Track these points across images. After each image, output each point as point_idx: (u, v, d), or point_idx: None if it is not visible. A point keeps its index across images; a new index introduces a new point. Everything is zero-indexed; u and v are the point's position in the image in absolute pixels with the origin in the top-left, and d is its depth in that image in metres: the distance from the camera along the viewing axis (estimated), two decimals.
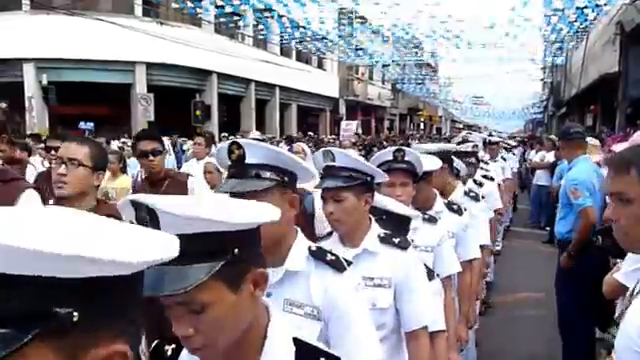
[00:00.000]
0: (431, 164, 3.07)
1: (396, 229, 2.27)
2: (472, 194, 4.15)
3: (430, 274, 2.46)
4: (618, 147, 4.65)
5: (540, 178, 11.57)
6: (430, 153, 3.41)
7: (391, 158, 2.65)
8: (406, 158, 2.65)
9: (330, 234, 2.26)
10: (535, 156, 12.81)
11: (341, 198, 2.06)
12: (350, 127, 23.97)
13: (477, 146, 5.08)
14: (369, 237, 2.15)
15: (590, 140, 6.31)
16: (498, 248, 7.81)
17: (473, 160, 5.04)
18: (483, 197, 4.46)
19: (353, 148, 12.48)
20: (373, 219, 2.21)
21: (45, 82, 17.75)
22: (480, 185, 4.90)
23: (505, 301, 6.84)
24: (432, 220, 2.90)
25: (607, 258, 3.98)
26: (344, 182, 2.04)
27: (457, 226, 3.25)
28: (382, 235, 2.17)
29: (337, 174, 2.06)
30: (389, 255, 2.13)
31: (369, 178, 2.12)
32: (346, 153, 2.18)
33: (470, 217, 3.49)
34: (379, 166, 2.48)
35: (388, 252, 2.13)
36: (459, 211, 3.31)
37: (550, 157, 11.24)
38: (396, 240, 2.16)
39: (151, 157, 3.77)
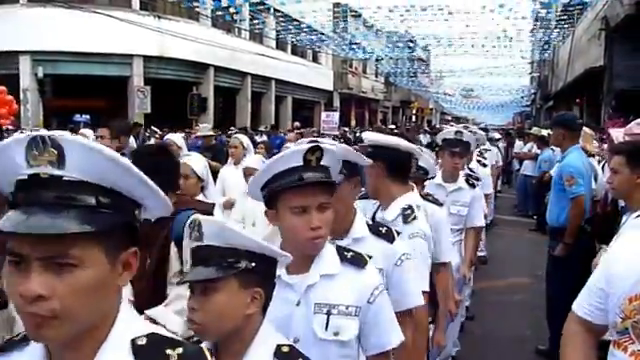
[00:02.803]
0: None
1: None
2: (470, 181, 4.33)
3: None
4: (614, 132, 4.91)
5: (527, 168, 12.03)
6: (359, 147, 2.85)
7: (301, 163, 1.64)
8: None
9: None
10: (524, 148, 13.31)
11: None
12: (331, 118, 22.78)
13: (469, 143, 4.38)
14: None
15: (586, 129, 6.38)
16: (483, 254, 7.33)
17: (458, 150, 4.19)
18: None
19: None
20: None
21: (41, 75, 17.69)
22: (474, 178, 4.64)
23: (493, 286, 6.91)
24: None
25: (594, 244, 4.26)
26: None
27: (385, 260, 2.14)
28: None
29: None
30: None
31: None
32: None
33: (435, 220, 2.93)
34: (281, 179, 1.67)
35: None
36: (388, 235, 2.19)
37: (536, 148, 11.68)
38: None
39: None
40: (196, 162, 3.53)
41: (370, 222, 2.24)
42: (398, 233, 2.22)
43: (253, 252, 1.39)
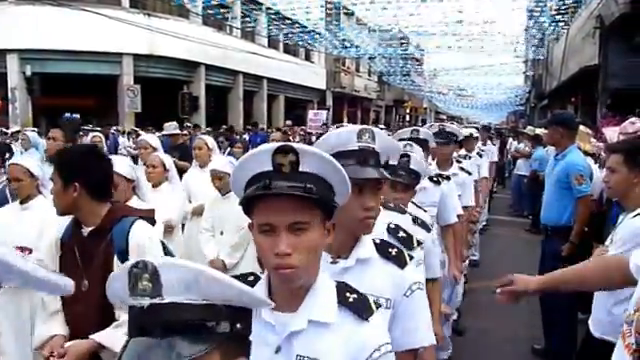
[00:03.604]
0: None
1: None
2: (434, 179, 3.95)
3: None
4: (608, 131, 4.86)
5: (520, 167, 11.92)
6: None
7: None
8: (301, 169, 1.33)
9: None
10: (519, 146, 13.22)
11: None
12: (318, 117, 22.76)
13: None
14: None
15: (582, 128, 6.31)
16: (475, 258, 7.68)
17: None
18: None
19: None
20: None
21: (29, 73, 17.65)
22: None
23: (488, 286, 6.88)
24: None
25: (591, 243, 4.19)
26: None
27: (394, 289, 1.90)
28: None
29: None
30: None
31: None
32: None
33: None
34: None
35: None
36: (399, 259, 1.85)
37: (529, 148, 11.59)
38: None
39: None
40: (119, 164, 3.19)
41: (378, 241, 1.82)
42: (411, 257, 1.82)
43: (234, 306, 1.01)
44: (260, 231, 1.29)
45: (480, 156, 7.48)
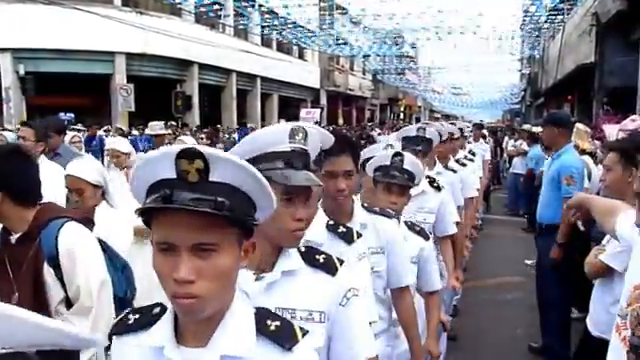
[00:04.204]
0: None
1: None
2: (435, 184, 3.72)
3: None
4: (608, 128, 4.83)
5: (516, 166, 11.84)
6: None
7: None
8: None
9: None
10: (515, 144, 13.14)
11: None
12: (311, 115, 22.11)
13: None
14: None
15: (581, 126, 6.40)
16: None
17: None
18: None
19: None
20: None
21: (22, 72, 17.50)
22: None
23: (485, 285, 6.91)
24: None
25: (588, 242, 4.09)
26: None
27: (326, 300, 1.68)
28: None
29: None
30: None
31: None
32: None
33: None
34: None
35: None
36: (328, 265, 1.72)
37: (525, 146, 11.52)
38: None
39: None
40: (84, 169, 3.01)
41: (303, 249, 1.60)
42: (341, 262, 1.61)
43: (50, 351, 0.86)
44: (158, 250, 1.05)
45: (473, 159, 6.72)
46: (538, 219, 4.94)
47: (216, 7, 19.13)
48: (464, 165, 5.35)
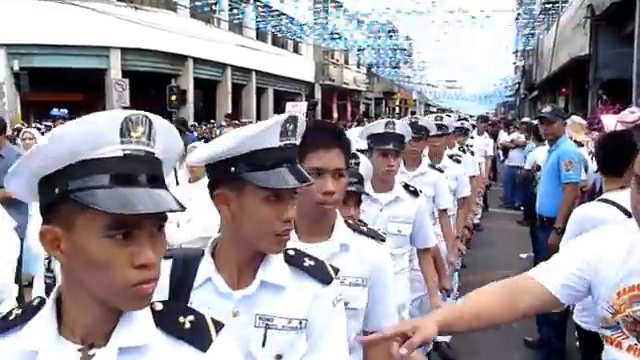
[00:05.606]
0: None
1: None
2: (411, 188, 3.24)
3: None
4: (607, 119, 4.89)
5: (512, 159, 11.87)
6: None
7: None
8: None
9: None
10: (508, 137, 13.15)
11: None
12: (297, 109, 22.47)
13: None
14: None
15: (576, 119, 6.59)
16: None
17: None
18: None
19: None
20: None
21: (17, 68, 17.34)
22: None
23: (481, 279, 6.88)
24: None
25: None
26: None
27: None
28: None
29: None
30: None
31: None
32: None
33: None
34: None
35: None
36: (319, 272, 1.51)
37: (522, 138, 11.54)
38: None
39: None
40: None
41: (292, 252, 1.43)
42: (336, 271, 1.44)
43: None
44: (110, 238, 0.93)
45: (471, 153, 6.87)
46: (538, 212, 4.97)
47: (211, 1, 19.04)
48: (458, 162, 5.24)
